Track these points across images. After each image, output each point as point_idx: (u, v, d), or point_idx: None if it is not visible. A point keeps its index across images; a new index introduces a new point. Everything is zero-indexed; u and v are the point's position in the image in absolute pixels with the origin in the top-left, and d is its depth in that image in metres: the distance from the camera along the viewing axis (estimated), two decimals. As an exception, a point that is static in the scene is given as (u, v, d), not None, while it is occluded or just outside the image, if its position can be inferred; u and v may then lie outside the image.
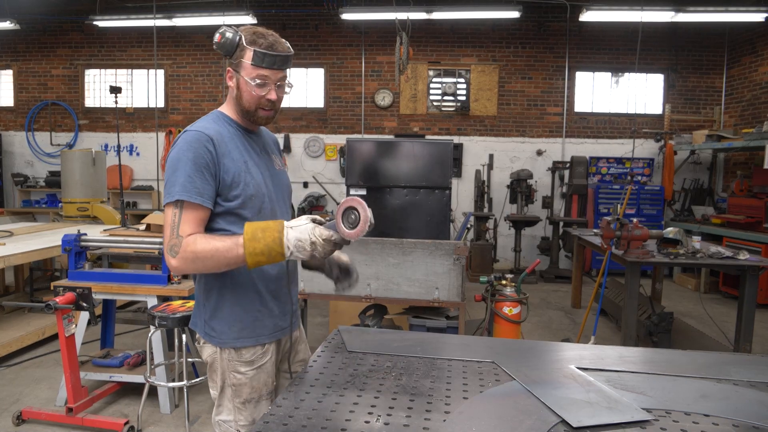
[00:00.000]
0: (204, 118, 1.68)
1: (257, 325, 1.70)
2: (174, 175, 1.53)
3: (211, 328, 1.69)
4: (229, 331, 1.68)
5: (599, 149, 8.73)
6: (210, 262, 1.52)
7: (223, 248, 1.52)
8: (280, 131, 8.97)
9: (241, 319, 1.68)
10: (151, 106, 9.06)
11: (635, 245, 4.19)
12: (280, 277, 1.74)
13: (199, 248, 1.51)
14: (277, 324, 1.75)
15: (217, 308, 1.68)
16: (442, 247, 3.44)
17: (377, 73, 8.91)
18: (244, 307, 1.68)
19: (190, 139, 1.56)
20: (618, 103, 8.90)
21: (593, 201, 8.14)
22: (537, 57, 8.75)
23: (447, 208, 3.74)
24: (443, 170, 3.70)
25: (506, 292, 3.54)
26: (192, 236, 1.53)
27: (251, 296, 1.69)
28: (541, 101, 8.80)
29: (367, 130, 8.92)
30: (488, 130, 8.85)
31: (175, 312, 2.99)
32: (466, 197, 8.77)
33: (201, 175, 1.53)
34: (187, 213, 1.53)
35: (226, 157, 1.59)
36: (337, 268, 1.82)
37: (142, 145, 9.19)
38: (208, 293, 1.68)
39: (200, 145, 1.54)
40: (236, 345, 1.67)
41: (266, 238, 1.49)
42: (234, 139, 1.65)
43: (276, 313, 1.74)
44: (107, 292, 3.41)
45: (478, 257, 7.53)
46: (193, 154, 1.53)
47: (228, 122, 1.68)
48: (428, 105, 8.95)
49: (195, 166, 1.53)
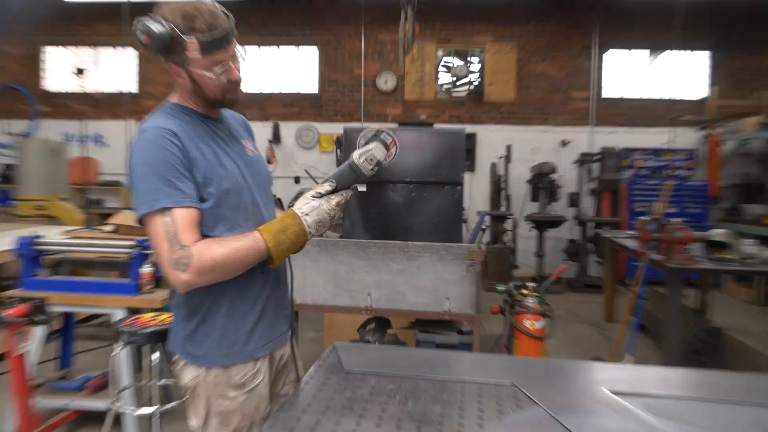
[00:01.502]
0: (156, 112, 1.66)
1: (250, 337, 1.69)
2: (147, 182, 1.51)
3: (195, 346, 1.66)
4: (218, 347, 1.66)
5: (633, 139, 8.70)
6: (231, 266, 1.54)
7: (243, 247, 1.54)
8: (269, 119, 8.97)
9: (235, 330, 1.67)
10: (122, 91, 9.06)
11: (677, 249, 4.16)
12: (276, 276, 1.76)
13: (217, 253, 1.51)
14: (271, 332, 1.75)
15: (206, 321, 1.66)
16: (453, 251, 3.42)
17: (379, 53, 8.90)
18: (242, 317, 1.67)
19: (151, 137, 1.53)
20: (655, 86, 8.87)
21: (627, 198, 8.11)
22: (561, 34, 8.73)
23: (459, 207, 3.71)
24: (454, 163, 3.67)
25: (528, 303, 3.52)
26: (201, 242, 1.52)
27: (250, 302, 1.69)
28: (566, 85, 8.77)
29: (367, 117, 8.91)
30: (505, 117, 8.83)
31: (146, 326, 2.97)
32: (480, 194, 8.75)
33: (178, 174, 1.52)
34: (181, 218, 1.51)
35: (194, 151, 1.57)
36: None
37: (110, 134, 9.19)
38: (198, 303, 1.66)
39: (164, 141, 1.52)
40: (225, 363, 1.66)
41: (290, 236, 1.60)
42: (197, 131, 1.63)
43: (270, 320, 1.74)
44: (67, 303, 3.38)
45: (494, 263, 7.50)
46: (161, 154, 1.51)
47: (185, 112, 1.66)
48: (437, 89, 8.93)
49: (167, 166, 1.51)
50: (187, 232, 1.50)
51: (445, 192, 3.67)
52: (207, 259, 1.49)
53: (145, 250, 3.33)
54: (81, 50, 9.34)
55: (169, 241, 1.49)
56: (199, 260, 1.48)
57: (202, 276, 1.50)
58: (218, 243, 1.53)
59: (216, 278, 1.54)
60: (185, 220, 1.51)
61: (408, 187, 3.68)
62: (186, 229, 1.50)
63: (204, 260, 1.49)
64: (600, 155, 8.00)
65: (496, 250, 7.56)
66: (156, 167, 1.50)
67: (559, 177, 8.22)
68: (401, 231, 3.67)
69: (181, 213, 1.51)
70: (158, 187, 1.50)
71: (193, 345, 1.66)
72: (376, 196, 3.73)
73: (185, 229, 1.50)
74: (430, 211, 3.69)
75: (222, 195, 1.59)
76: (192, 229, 1.52)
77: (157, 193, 1.49)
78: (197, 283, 1.52)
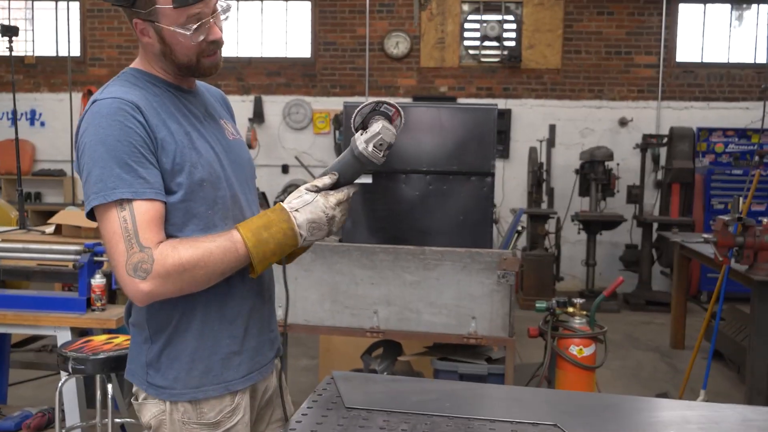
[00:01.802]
0: (113, 81, 1.67)
1: (227, 365, 1.70)
2: (101, 167, 1.51)
3: (159, 375, 1.68)
4: (186, 376, 1.67)
5: (712, 117, 8.68)
6: (202, 273, 1.53)
7: (218, 249, 1.54)
8: (249, 92, 9.01)
9: (209, 355, 1.68)
10: (62, 55, 9.13)
11: (766, 257, 4.16)
12: (260, 288, 1.76)
13: (185, 256, 1.51)
14: (254, 360, 1.76)
15: (173, 343, 1.67)
16: (481, 258, 3.44)
17: (388, 7, 8.92)
18: (216, 338, 1.68)
19: (107, 110, 1.54)
20: (741, 49, 8.84)
21: (703, 193, 8.09)
22: (621, -17, 8.72)
23: (489, 203, 3.73)
24: (483, 148, 3.69)
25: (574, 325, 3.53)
26: (166, 243, 1.53)
27: (228, 320, 1.69)
28: (627, 47, 8.76)
29: (373, 90, 8.93)
30: (548, 90, 8.83)
31: (98, 351, 3.01)
32: (516, 187, 8.75)
33: (140, 158, 1.53)
34: (141, 214, 1.51)
35: (162, 129, 1.59)
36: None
37: (48, 111, 9.27)
38: (163, 321, 1.67)
39: (125, 116, 1.53)
40: (196, 396, 1.67)
41: (275, 235, 1.58)
42: (166, 104, 1.64)
43: (253, 343, 1.75)
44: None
45: (533, 274, 7.50)
46: (120, 131, 1.52)
47: (151, 81, 1.68)
48: (461, 54, 8.94)
49: (128, 148, 1.52)
50: (149, 230, 1.51)
51: (471, 184, 3.70)
52: (172, 264, 1.50)
53: (96, 256, 3.38)
54: (10, 3, 9.41)
55: (127, 242, 1.50)
56: (162, 265, 1.49)
57: (166, 285, 1.51)
58: (187, 243, 1.54)
59: (183, 288, 1.55)
60: (147, 215, 1.52)
61: (424, 178, 3.70)
62: (148, 227, 1.51)
63: (168, 265, 1.50)
64: (669, 137, 7.99)
65: (535, 257, 7.56)
66: (113, 148, 1.51)
67: (616, 166, 8.22)
68: (416, 233, 3.69)
69: (143, 207, 1.52)
70: (115, 173, 1.50)
71: (157, 374, 1.67)
72: (385, 190, 3.75)
73: (147, 227, 1.51)
74: (453, 208, 3.71)
75: (194, 186, 1.61)
76: (155, 228, 1.53)
77: (113, 180, 1.50)
78: (160, 293, 1.53)
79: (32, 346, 5.19)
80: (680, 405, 1.84)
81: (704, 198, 8.10)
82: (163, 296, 1.54)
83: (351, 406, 1.74)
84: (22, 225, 5.07)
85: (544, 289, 7.40)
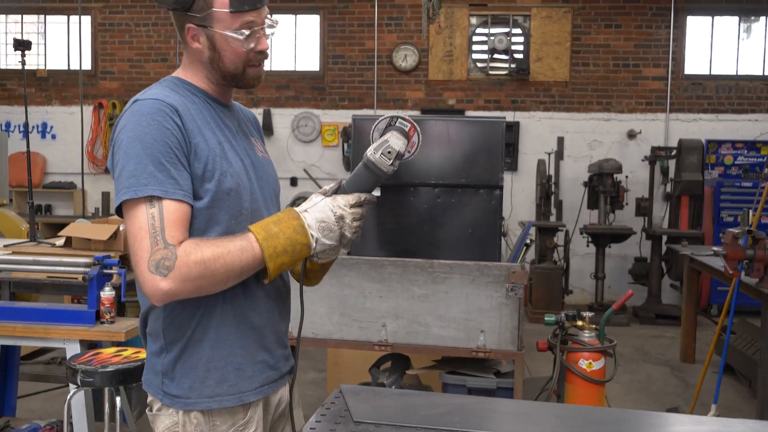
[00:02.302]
0: (156, 85, 1.71)
1: (241, 375, 1.72)
2: (135, 162, 1.55)
3: (174, 384, 1.69)
4: (201, 386, 1.68)
5: (721, 129, 8.66)
6: (221, 272, 1.55)
7: (235, 248, 1.56)
8: (258, 105, 9.06)
9: (223, 365, 1.70)
10: (73, 68, 9.20)
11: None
12: (276, 303, 1.78)
13: (207, 253, 1.54)
14: (267, 372, 1.78)
15: (188, 351, 1.69)
16: (489, 271, 3.43)
17: (396, 21, 8.96)
18: (231, 347, 1.70)
19: (147, 110, 1.58)
20: (750, 61, 8.83)
21: (712, 205, 8.07)
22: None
23: (497, 216, 3.73)
24: (491, 161, 3.70)
25: (584, 338, 3.52)
26: (189, 241, 1.55)
27: (243, 329, 1.71)
28: (635, 60, 8.76)
29: (381, 103, 8.96)
30: (556, 102, 8.84)
31: (106, 364, 3.02)
32: (524, 200, 8.75)
33: (174, 159, 1.57)
34: (169, 212, 1.54)
35: (197, 135, 1.63)
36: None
37: (59, 123, 9.34)
38: (179, 329, 1.69)
39: (164, 117, 1.57)
40: (211, 406, 1.69)
41: (285, 230, 1.60)
42: (203, 113, 1.69)
43: (266, 356, 1.77)
44: (8, 335, 3.42)
45: (542, 287, 7.48)
46: (158, 131, 1.56)
47: (191, 90, 1.72)
48: (469, 67, 8.97)
49: (164, 148, 1.55)
50: (176, 229, 1.54)
51: (479, 197, 3.70)
52: (194, 261, 1.52)
53: (105, 269, 3.39)
54: (24, 18, 9.50)
55: (152, 238, 1.52)
56: (185, 263, 1.51)
57: (185, 283, 1.52)
58: (208, 242, 1.57)
59: (202, 287, 1.56)
60: (175, 215, 1.55)
61: (433, 191, 3.71)
62: (174, 226, 1.54)
63: (191, 262, 1.51)
64: (678, 150, 7.97)
65: (544, 270, 7.54)
66: (149, 146, 1.54)
67: (624, 178, 8.21)
68: (424, 246, 3.69)
69: (171, 206, 1.54)
70: (149, 170, 1.54)
71: (172, 383, 1.69)
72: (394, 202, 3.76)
73: (173, 226, 1.54)
74: (461, 221, 3.72)
75: (222, 194, 1.64)
76: (181, 227, 1.55)
77: (146, 176, 1.53)
78: (179, 293, 1.54)
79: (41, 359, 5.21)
80: (691, 420, 1.83)
81: (714, 210, 8.07)
82: (182, 295, 1.56)
83: (359, 420, 1.74)
84: (32, 237, 5.10)
85: (553, 302, 7.38)
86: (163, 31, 9.16)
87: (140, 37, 9.21)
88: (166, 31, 9.14)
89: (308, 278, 1.87)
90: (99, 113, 9.21)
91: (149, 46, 9.21)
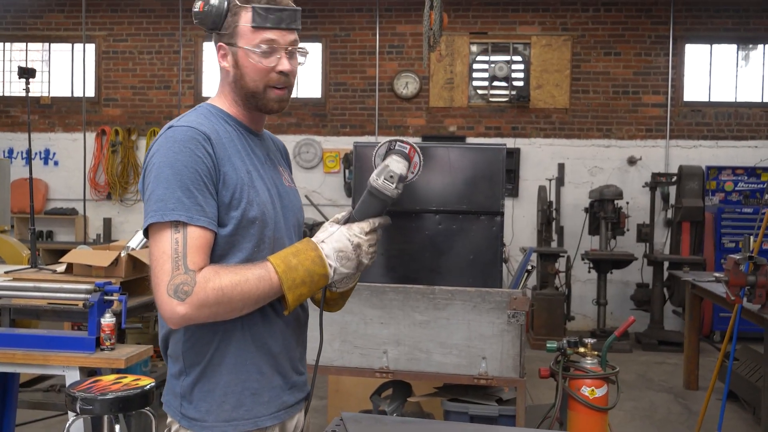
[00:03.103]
0: (190, 112, 1.75)
1: (257, 400, 1.73)
2: (165, 187, 1.58)
3: (192, 407, 1.71)
4: (218, 410, 1.70)
5: (721, 155, 8.69)
6: (238, 300, 1.58)
7: (254, 277, 1.59)
8: (258, 131, 9.08)
9: (241, 390, 1.71)
10: (77, 95, 9.25)
11: (777, 297, 4.13)
12: (294, 330, 1.81)
13: (225, 281, 1.56)
14: (283, 398, 1.79)
15: (207, 375, 1.70)
16: (491, 297, 3.42)
17: (397, 49, 9.04)
18: (249, 372, 1.72)
19: (180, 137, 1.62)
20: (749, 88, 8.89)
21: (713, 231, 8.06)
22: (627, 24, 8.82)
23: (498, 242, 3.73)
24: (492, 187, 3.70)
25: (586, 365, 3.50)
26: (209, 268, 1.58)
27: (261, 355, 1.73)
28: (634, 87, 8.82)
29: (382, 130, 9.01)
30: (557, 129, 8.88)
31: (106, 392, 3.00)
32: (525, 226, 8.75)
33: (202, 187, 1.60)
34: (193, 239, 1.58)
35: (227, 164, 1.66)
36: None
37: (62, 150, 9.38)
38: (198, 353, 1.70)
39: (196, 145, 1.61)
40: (226, 430, 1.70)
41: (303, 262, 1.63)
42: (234, 141, 1.72)
43: (282, 381, 1.79)
44: (7, 362, 3.41)
45: (543, 313, 7.45)
46: (189, 158, 1.60)
47: (224, 118, 1.76)
48: (470, 94, 9.02)
49: (193, 175, 1.59)
50: (198, 255, 1.58)
51: (480, 223, 3.70)
52: (212, 288, 1.55)
53: (106, 295, 3.39)
54: (28, 45, 9.59)
55: (174, 262, 1.56)
56: (203, 289, 1.54)
57: (202, 309, 1.56)
58: (228, 269, 1.59)
59: (219, 313, 1.59)
60: (198, 241, 1.58)
61: (434, 217, 3.71)
62: (197, 252, 1.57)
63: (209, 290, 1.55)
64: (678, 176, 7.99)
65: (546, 296, 7.52)
66: (179, 172, 1.59)
67: (625, 204, 8.22)
68: (426, 272, 3.69)
69: (196, 232, 1.58)
70: (177, 196, 1.58)
71: (190, 405, 1.71)
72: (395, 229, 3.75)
73: (196, 252, 1.57)
74: (462, 247, 3.71)
75: (246, 222, 1.67)
76: (203, 254, 1.59)
77: (174, 202, 1.57)
78: (195, 318, 1.57)
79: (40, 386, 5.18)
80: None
81: (715, 236, 8.07)
82: (198, 320, 1.59)
83: (360, 448, 1.73)
84: (33, 264, 5.10)
85: (555, 328, 7.35)
86: (166, 58, 9.24)
87: (143, 65, 9.29)
88: (169, 59, 9.22)
89: (329, 305, 1.92)
90: (102, 140, 9.26)
91: (152, 73, 9.28)
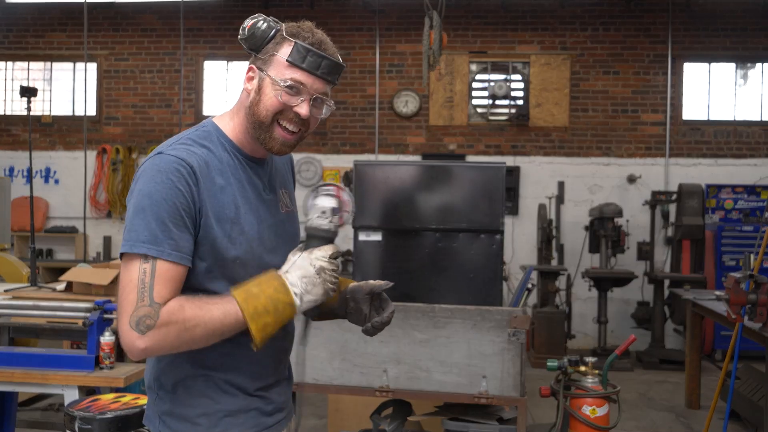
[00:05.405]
0: (190, 131, 1.73)
1: (232, 422, 1.71)
2: (141, 218, 1.57)
3: (167, 427, 1.70)
4: (192, 428, 1.68)
5: (721, 173, 8.70)
6: (200, 335, 1.56)
7: (219, 312, 1.56)
8: (259, 149, 9.10)
9: (213, 413, 1.69)
10: (78, 114, 9.29)
11: (778, 315, 4.12)
12: (273, 345, 1.76)
13: (189, 315, 1.54)
14: (258, 419, 1.76)
15: (178, 401, 1.69)
16: (491, 316, 3.42)
17: (397, 68, 9.08)
18: (222, 396, 1.70)
19: (163, 167, 1.59)
20: (747, 106, 8.92)
21: (714, 249, 8.05)
22: (626, 43, 8.87)
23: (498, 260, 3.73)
24: (492, 205, 3.72)
25: (587, 384, 3.49)
26: (174, 301, 1.56)
27: (234, 376, 1.71)
28: (633, 105, 8.85)
29: (382, 148, 9.03)
30: (556, 147, 8.90)
31: (105, 411, 2.99)
32: (525, 244, 8.74)
33: (179, 221, 1.58)
34: (162, 271, 1.56)
35: (212, 198, 1.64)
36: (363, 301, 1.91)
37: (62, 168, 9.39)
38: (168, 381, 1.70)
39: (179, 177, 1.58)
40: None
41: (266, 290, 1.59)
42: (226, 172, 1.69)
43: (257, 404, 1.75)
44: (6, 381, 3.40)
45: (544, 331, 7.43)
46: (168, 191, 1.57)
47: (223, 143, 1.73)
48: (470, 113, 9.05)
49: (171, 208, 1.57)
50: (164, 287, 1.55)
51: (480, 242, 3.70)
52: (175, 321, 1.53)
53: (105, 313, 3.38)
54: (29, 64, 9.64)
55: (140, 293, 1.54)
56: (165, 323, 1.53)
57: (162, 343, 1.54)
58: (193, 303, 1.57)
59: (180, 347, 1.58)
60: (167, 275, 1.56)
61: (434, 235, 3.72)
62: (164, 285, 1.55)
63: (171, 322, 1.53)
64: (678, 194, 7.99)
65: (546, 315, 7.50)
66: (156, 203, 1.57)
67: (625, 222, 8.22)
68: (426, 291, 3.69)
69: (165, 266, 1.56)
70: (150, 228, 1.56)
71: (168, 429, 1.70)
72: (395, 247, 3.77)
73: (163, 285, 1.55)
74: (462, 265, 3.72)
75: (226, 262, 1.65)
76: (170, 287, 1.57)
77: (146, 234, 1.56)
78: (155, 351, 1.56)
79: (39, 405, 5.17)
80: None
81: (715, 254, 8.05)
82: (158, 353, 1.59)
83: (360, 468, 1.72)
84: (33, 282, 5.09)
85: (556, 347, 7.32)
86: (168, 77, 9.28)
87: (145, 84, 9.32)
88: (170, 78, 9.25)
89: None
90: (102, 158, 9.28)
91: (153, 92, 9.32)
